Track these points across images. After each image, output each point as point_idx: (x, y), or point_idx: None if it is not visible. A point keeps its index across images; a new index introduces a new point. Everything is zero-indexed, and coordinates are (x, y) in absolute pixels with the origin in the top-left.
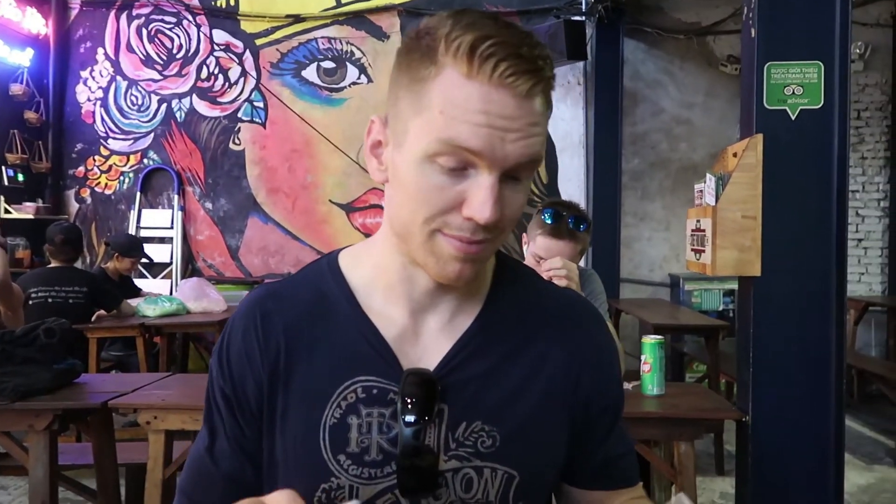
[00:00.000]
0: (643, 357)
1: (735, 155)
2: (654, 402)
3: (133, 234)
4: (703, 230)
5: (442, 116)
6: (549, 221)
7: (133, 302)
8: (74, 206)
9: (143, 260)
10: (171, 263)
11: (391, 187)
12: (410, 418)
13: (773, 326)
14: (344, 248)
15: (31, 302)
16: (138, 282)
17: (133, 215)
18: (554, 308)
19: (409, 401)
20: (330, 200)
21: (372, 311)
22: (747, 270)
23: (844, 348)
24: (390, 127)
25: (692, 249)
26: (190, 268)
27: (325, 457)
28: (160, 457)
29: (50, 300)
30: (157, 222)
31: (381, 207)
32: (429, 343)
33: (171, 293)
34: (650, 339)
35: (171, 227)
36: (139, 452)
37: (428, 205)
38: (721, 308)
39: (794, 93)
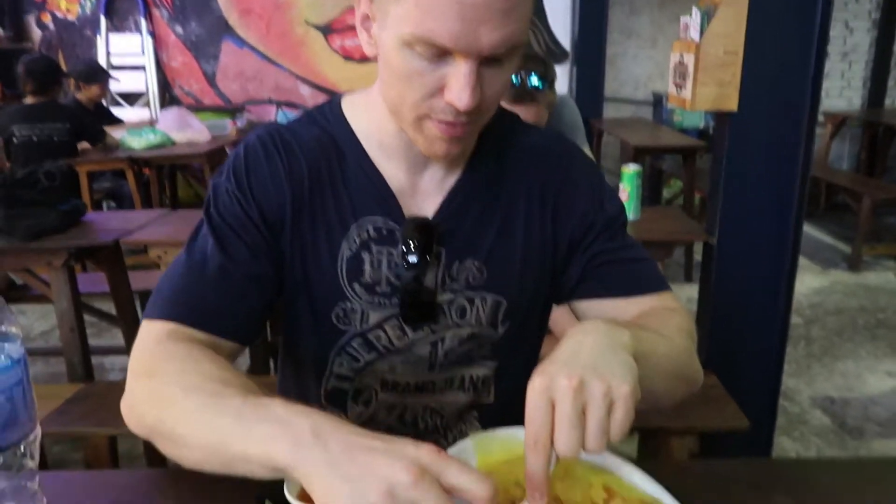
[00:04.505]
0: (622, 185)
1: None
2: (631, 227)
3: (94, 60)
4: (686, 65)
5: (416, 9)
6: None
7: (117, 134)
8: (38, 34)
9: (112, 83)
10: (146, 92)
11: (380, 63)
12: (413, 259)
13: (745, 160)
14: (344, 94)
15: (15, 140)
16: (115, 111)
17: (100, 42)
18: (530, 148)
19: (411, 244)
20: (306, 21)
21: (376, 160)
22: (725, 105)
23: (811, 162)
24: (375, 2)
25: (674, 83)
26: (167, 96)
27: (342, 283)
28: None
29: (35, 139)
30: (126, 49)
31: None
32: (426, 196)
33: (151, 123)
34: (629, 170)
35: (143, 54)
36: (150, 281)
37: (412, 89)
38: (702, 126)
39: None
